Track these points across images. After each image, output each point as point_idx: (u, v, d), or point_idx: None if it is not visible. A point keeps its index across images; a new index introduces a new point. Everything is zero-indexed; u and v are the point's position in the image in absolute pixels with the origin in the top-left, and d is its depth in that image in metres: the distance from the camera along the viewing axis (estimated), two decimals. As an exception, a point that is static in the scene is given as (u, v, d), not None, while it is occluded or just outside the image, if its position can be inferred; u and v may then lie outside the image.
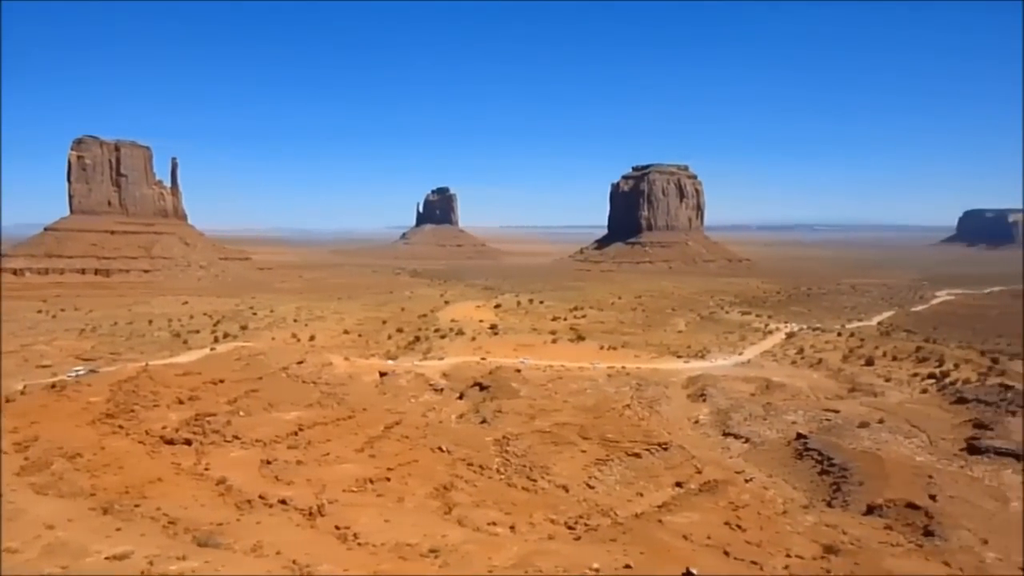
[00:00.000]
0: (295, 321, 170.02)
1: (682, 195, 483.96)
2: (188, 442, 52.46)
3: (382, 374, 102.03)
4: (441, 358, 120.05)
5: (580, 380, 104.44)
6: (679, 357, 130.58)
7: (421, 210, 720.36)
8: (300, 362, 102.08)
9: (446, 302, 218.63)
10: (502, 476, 54.74)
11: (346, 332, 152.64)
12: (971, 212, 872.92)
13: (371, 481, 46.07)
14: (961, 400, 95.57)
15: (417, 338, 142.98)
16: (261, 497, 39.40)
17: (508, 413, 75.13)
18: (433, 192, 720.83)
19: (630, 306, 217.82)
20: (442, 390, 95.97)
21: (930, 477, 60.42)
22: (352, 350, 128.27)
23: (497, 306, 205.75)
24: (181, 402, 66.43)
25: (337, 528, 34.79)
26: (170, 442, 51.97)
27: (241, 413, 64.53)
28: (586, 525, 43.55)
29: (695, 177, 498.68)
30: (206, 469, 45.40)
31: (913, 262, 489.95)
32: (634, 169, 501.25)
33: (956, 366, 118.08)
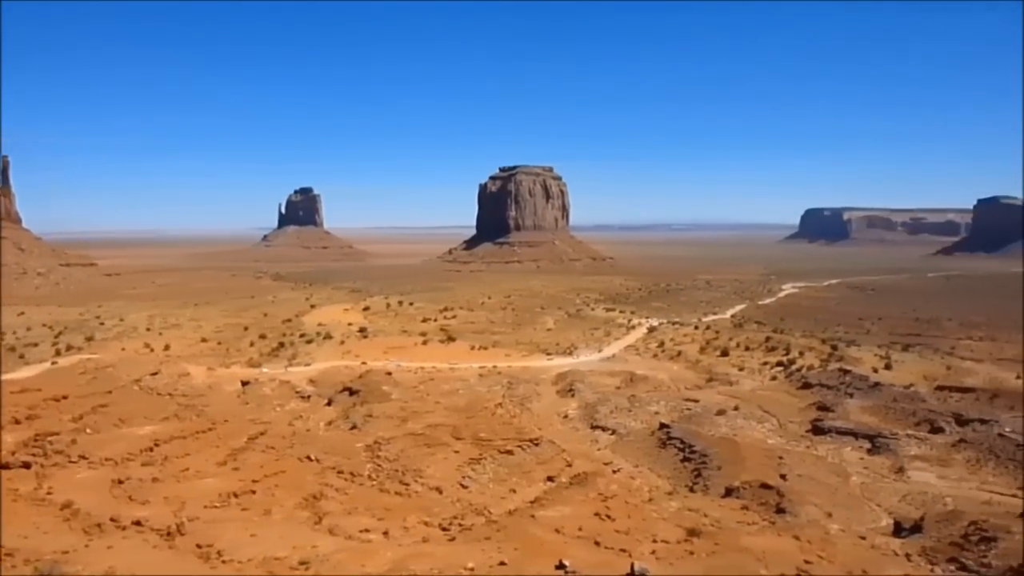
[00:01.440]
0: (148, 330, 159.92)
1: (548, 196, 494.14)
2: (27, 465, 47.99)
3: (244, 383, 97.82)
4: (308, 364, 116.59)
5: (452, 381, 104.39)
6: (548, 354, 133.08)
7: (284, 211, 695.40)
8: (154, 373, 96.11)
9: (312, 306, 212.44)
10: (374, 482, 53.70)
11: (204, 340, 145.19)
12: (812, 211, 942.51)
13: (235, 495, 43.90)
14: (806, 385, 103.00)
15: (282, 344, 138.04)
16: (112, 519, 36.63)
17: (379, 417, 73.85)
18: (296, 192, 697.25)
19: (500, 305, 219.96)
20: (309, 397, 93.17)
21: (781, 458, 64.62)
22: (211, 359, 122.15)
23: (366, 308, 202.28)
24: (18, 422, 60.74)
25: (199, 547, 32.86)
26: (5, 466, 47.43)
27: (88, 431, 59.85)
28: (460, 525, 43.40)
29: (560, 178, 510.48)
30: (48, 493, 41.71)
31: (761, 258, 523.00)
32: (501, 170, 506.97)
33: (801, 354, 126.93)
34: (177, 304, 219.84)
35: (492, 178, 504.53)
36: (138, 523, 36.13)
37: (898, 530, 48.15)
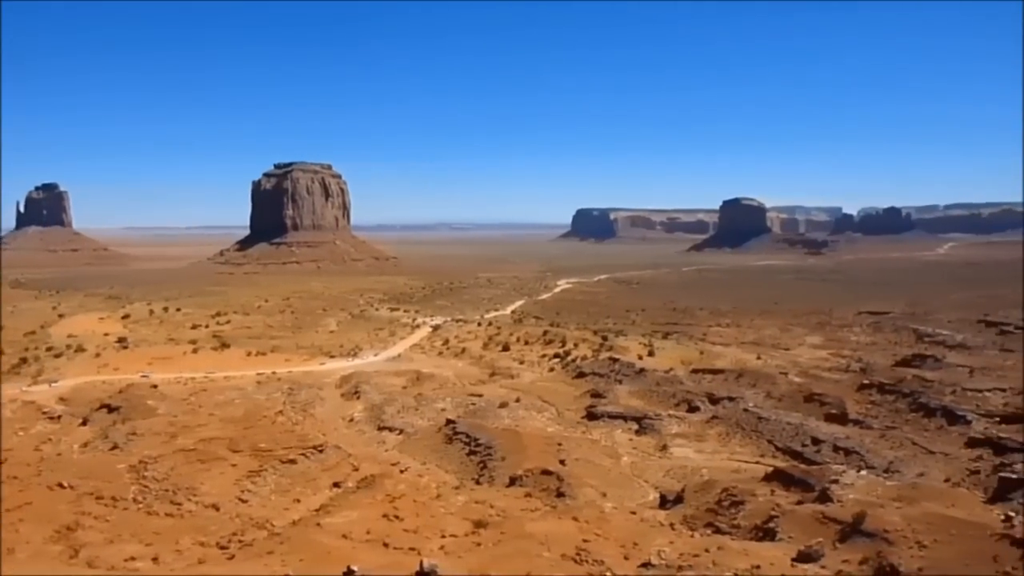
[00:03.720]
0: None
1: (327, 194, 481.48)
2: None
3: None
4: (56, 381, 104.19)
5: (227, 390, 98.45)
6: (332, 357, 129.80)
7: (23, 210, 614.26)
8: None
9: (60, 316, 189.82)
10: (140, 505, 49.27)
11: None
12: (582, 211, 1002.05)
13: (-34, 536, 38.21)
14: (581, 374, 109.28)
15: (24, 360, 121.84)
16: None
17: (145, 434, 67.76)
18: (38, 189, 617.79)
19: (278, 308, 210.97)
20: (59, 417, 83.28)
21: (560, 445, 67.96)
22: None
23: (125, 317, 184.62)
24: None
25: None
26: None
27: None
28: (241, 541, 41.18)
29: (339, 176, 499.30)
30: None
31: (538, 256, 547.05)
32: (276, 167, 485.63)
33: (576, 345, 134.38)
34: None
35: (267, 175, 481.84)
36: None
37: (663, 502, 52.49)
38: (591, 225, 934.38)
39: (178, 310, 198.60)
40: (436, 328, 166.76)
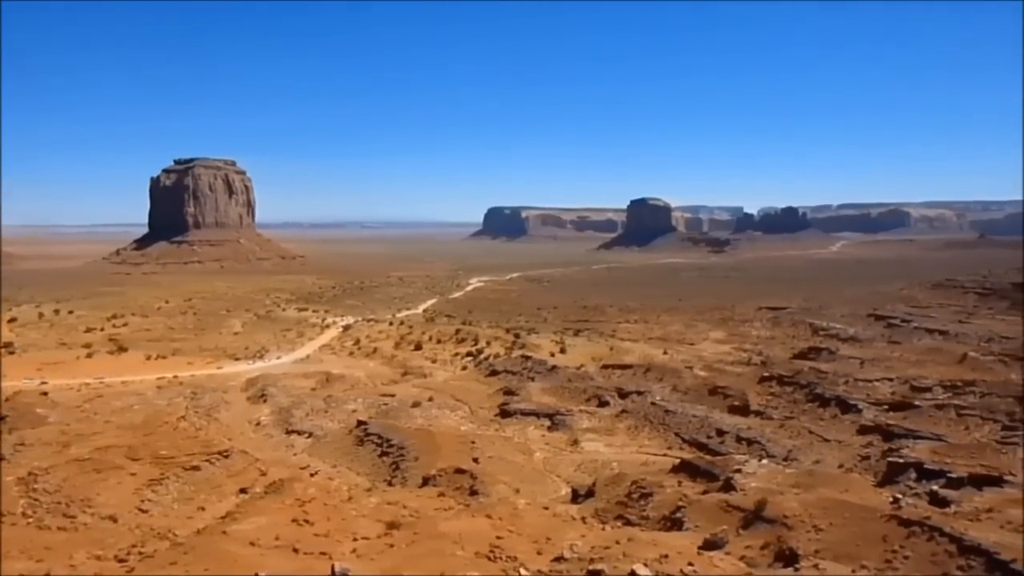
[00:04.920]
0: None
1: (231, 191, 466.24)
2: None
3: None
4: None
5: (125, 396, 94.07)
6: (237, 359, 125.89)
7: None
8: None
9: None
10: (30, 519, 46.46)
11: None
12: (494, 209, 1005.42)
13: None
14: (494, 372, 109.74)
15: None
16: None
17: (34, 445, 63.93)
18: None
19: (180, 310, 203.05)
20: (-63, 428, 77.73)
21: (473, 443, 68.01)
22: None
23: (12, 320, 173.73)
24: None
25: None
26: None
27: None
28: (141, 553, 39.43)
29: (244, 173, 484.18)
30: None
31: (450, 254, 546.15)
32: (176, 162, 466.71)
33: (488, 343, 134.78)
34: None
35: (166, 171, 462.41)
36: None
37: (575, 497, 53.31)
38: (502, 224, 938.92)
39: (71, 312, 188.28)
40: (346, 328, 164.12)
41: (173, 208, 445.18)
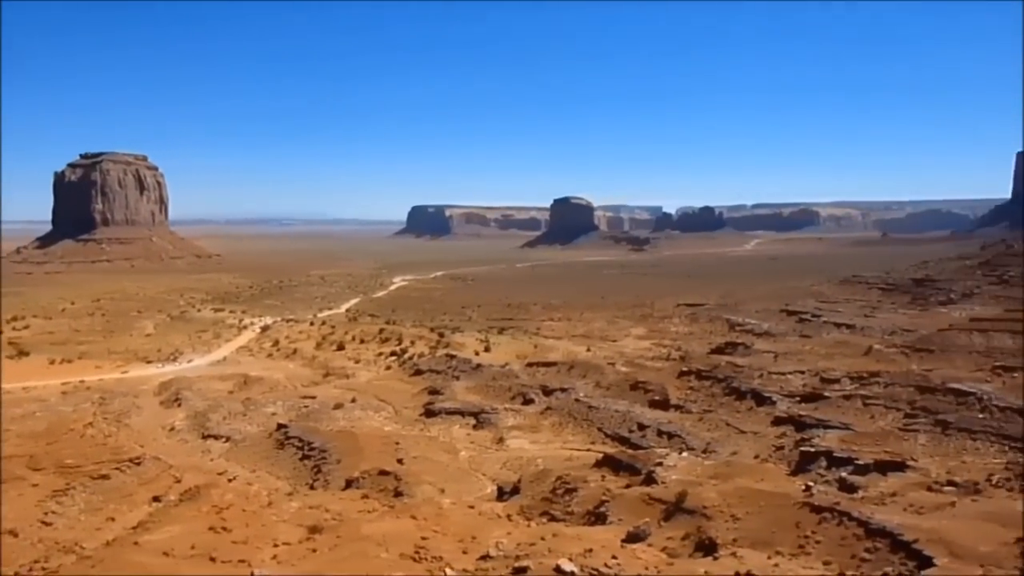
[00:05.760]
0: None
1: (142, 187, 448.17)
2: None
3: None
4: None
5: (26, 403, 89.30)
6: (149, 362, 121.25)
7: None
8: None
9: None
10: (-80, 536, 43.64)
11: None
12: (417, 207, 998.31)
13: None
14: (418, 372, 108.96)
15: None
16: None
17: (-76, 456, 60.13)
18: None
19: (87, 311, 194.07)
20: None
21: (397, 443, 67.31)
22: None
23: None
24: None
25: None
26: None
27: None
28: (44, 569, 37.66)
29: (156, 168, 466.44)
30: None
31: (373, 252, 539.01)
32: (83, 156, 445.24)
33: (412, 343, 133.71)
34: None
35: (72, 166, 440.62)
36: None
37: (500, 494, 53.37)
38: (426, 222, 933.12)
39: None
40: (265, 329, 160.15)
41: (79, 205, 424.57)
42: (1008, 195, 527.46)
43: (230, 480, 59.39)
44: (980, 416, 65.18)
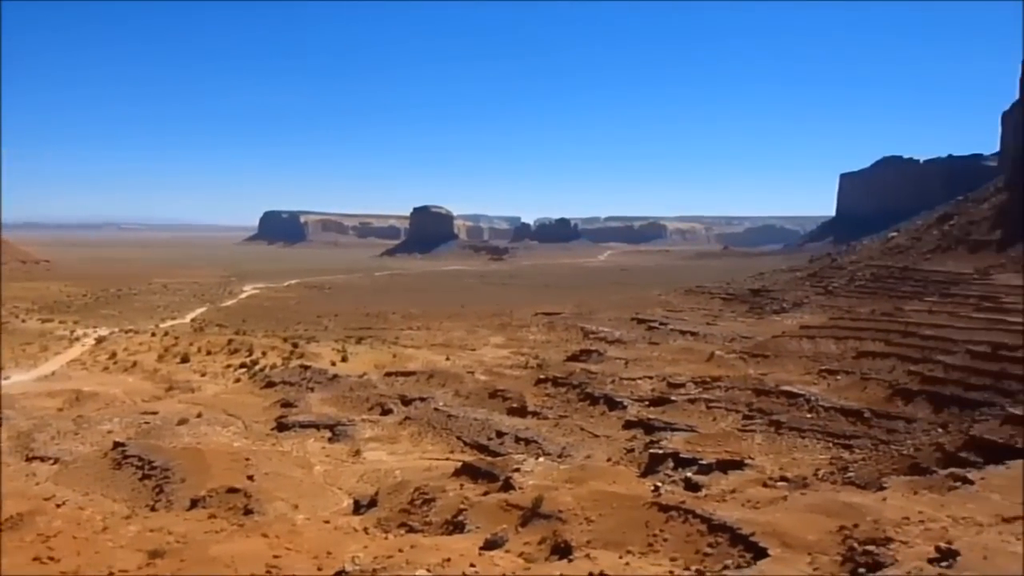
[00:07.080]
0: None
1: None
2: None
3: None
4: None
5: None
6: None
7: None
8: None
9: None
10: None
11: None
12: (270, 213, 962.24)
13: None
14: (270, 384, 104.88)
15: None
16: None
17: None
18: None
19: None
20: None
21: (247, 459, 64.34)
22: None
23: None
24: None
25: None
26: None
27: None
28: None
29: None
30: None
31: (221, 259, 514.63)
32: None
33: (264, 354, 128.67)
34: None
35: None
36: None
37: (357, 508, 52.28)
38: (280, 228, 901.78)
39: None
40: (101, 340, 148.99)
41: None
42: (833, 212, 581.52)
43: (59, 505, 54.57)
44: (808, 416, 70.63)
